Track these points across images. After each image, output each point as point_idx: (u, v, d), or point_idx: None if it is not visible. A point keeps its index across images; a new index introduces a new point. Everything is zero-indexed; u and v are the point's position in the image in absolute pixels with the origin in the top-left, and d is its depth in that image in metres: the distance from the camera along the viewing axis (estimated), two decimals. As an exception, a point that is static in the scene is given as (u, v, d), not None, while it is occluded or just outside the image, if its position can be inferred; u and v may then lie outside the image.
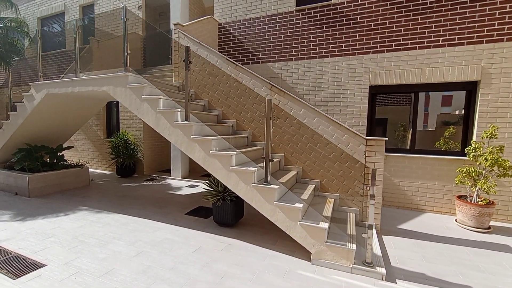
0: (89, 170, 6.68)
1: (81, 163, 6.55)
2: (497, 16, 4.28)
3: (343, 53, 5.33)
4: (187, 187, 6.32)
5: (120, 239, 3.44)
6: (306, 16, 5.62)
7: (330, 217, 3.25)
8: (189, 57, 3.69)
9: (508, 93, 4.24)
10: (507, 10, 4.22)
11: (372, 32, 5.08)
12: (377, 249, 3.14)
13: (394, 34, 4.92)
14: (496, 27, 4.29)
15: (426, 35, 4.71)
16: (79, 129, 7.64)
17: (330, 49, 5.43)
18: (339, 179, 4.01)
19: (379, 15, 5.01)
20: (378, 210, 3.69)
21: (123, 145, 7.19)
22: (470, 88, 4.58)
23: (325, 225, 2.87)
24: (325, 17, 5.45)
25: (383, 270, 2.64)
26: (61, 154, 6.36)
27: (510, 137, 4.24)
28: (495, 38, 4.30)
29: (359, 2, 5.13)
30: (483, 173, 3.98)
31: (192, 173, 7.54)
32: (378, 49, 5.04)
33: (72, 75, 4.82)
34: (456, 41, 4.53)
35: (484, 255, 3.17)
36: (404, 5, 4.82)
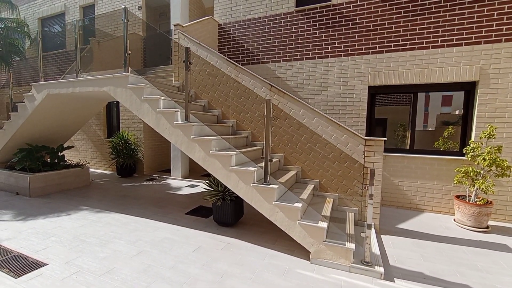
0: (90, 170, 6.71)
1: (81, 163, 6.57)
2: (495, 17, 4.30)
3: (342, 53, 5.35)
4: (187, 187, 6.35)
5: (120, 238, 3.47)
6: (305, 16, 5.65)
7: (329, 217, 3.27)
8: (189, 57, 3.71)
9: (506, 94, 4.27)
10: (506, 11, 4.24)
11: (371, 32, 5.10)
12: (376, 249, 3.16)
13: (393, 34, 4.94)
14: (494, 28, 4.31)
15: (425, 35, 4.73)
16: (80, 129, 7.67)
17: (329, 50, 5.46)
18: (338, 179, 4.03)
19: (378, 16, 5.04)
20: (377, 209, 3.71)
21: (124, 145, 7.22)
22: (468, 88, 4.61)
23: (324, 225, 2.89)
24: (324, 18, 5.48)
25: (382, 269, 2.66)
26: (61, 154, 6.39)
27: (508, 137, 4.27)
28: (493, 39, 4.32)
29: (358, 3, 5.16)
30: (481, 173, 4.00)
31: (192, 173, 7.56)
32: (377, 50, 5.07)
33: (72, 76, 4.85)
34: (454, 42, 4.55)
35: (482, 255, 3.19)
36: (403, 6, 4.84)
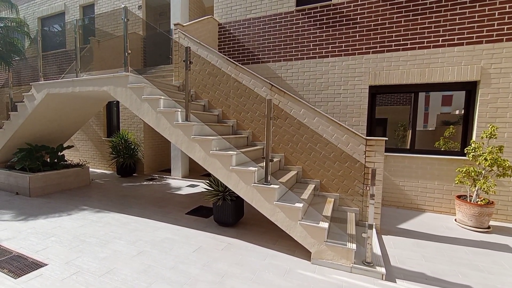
0: (90, 169, 6.69)
1: (81, 163, 6.56)
2: (496, 16, 4.29)
3: (343, 53, 5.34)
4: (187, 186, 6.33)
5: (120, 238, 3.45)
6: (306, 16, 5.63)
7: (330, 217, 3.26)
8: (189, 57, 3.70)
9: (507, 93, 4.25)
10: (507, 10, 4.23)
11: (372, 32, 5.09)
12: (377, 249, 3.15)
13: (394, 34, 4.93)
14: (495, 27, 4.30)
15: (426, 35, 4.72)
16: (80, 129, 7.65)
17: (330, 49, 5.44)
18: (339, 179, 4.02)
19: (379, 15, 5.02)
20: (378, 210, 3.71)
21: (124, 145, 7.21)
22: (469, 88, 4.59)
23: (325, 225, 2.88)
24: (325, 17, 5.46)
25: (383, 269, 2.65)
26: (61, 153, 6.38)
27: (509, 137, 4.26)
28: (494, 38, 4.31)
29: (359, 2, 5.14)
30: (483, 173, 3.99)
31: (192, 172, 7.55)
32: (378, 49, 5.05)
33: (72, 75, 4.83)
34: (455, 41, 4.54)
35: (483, 255, 3.18)
36: (404, 5, 4.83)
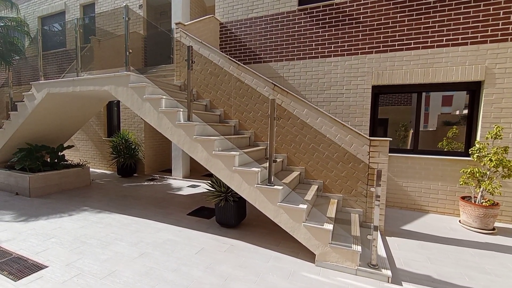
0: (90, 169, 6.65)
1: (82, 163, 6.51)
2: (501, 15, 4.25)
3: (345, 52, 5.29)
4: (188, 187, 6.29)
5: (122, 240, 3.41)
6: (308, 15, 5.59)
7: (334, 218, 3.22)
8: (191, 56, 3.66)
9: (512, 93, 4.22)
10: (512, 9, 4.19)
11: (375, 31, 5.04)
12: (382, 251, 3.11)
13: (397, 33, 4.89)
14: (500, 26, 4.26)
15: (429, 34, 4.67)
16: (80, 129, 7.61)
17: (332, 49, 5.40)
18: (342, 179, 3.98)
19: (382, 15, 4.98)
20: (382, 211, 3.66)
21: (124, 145, 7.16)
22: (474, 88, 4.55)
23: (330, 227, 2.84)
24: (327, 17, 5.42)
25: (389, 272, 2.61)
26: (61, 153, 6.34)
27: (514, 137, 4.22)
28: (499, 38, 4.27)
29: (361, 1, 5.10)
30: (488, 174, 3.95)
31: (193, 173, 7.51)
32: (381, 49, 5.01)
33: (73, 75, 4.79)
34: (460, 41, 4.50)
35: (489, 257, 3.14)
36: (407, 4, 4.79)
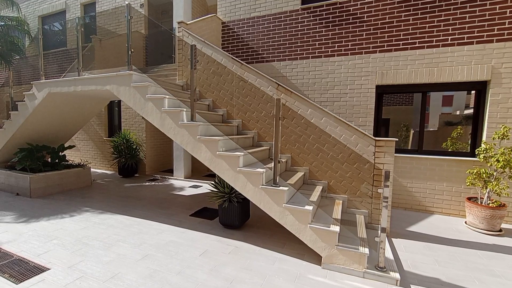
0: (91, 170, 6.60)
1: (82, 163, 6.46)
2: (508, 14, 4.20)
3: (349, 52, 5.24)
4: (190, 187, 6.24)
5: (124, 241, 3.36)
6: (311, 14, 5.54)
7: (340, 220, 3.17)
8: (195, 55, 3.61)
9: (519, 93, 4.17)
10: (519, 8, 4.14)
11: (379, 30, 4.99)
12: (389, 253, 3.07)
13: (401, 32, 4.84)
14: (506, 26, 4.20)
15: (434, 33, 4.62)
16: (81, 129, 7.56)
17: (336, 48, 5.35)
18: (347, 180, 3.93)
19: (386, 13, 4.93)
20: (388, 212, 3.61)
21: (125, 145, 7.11)
22: (479, 88, 4.50)
23: (337, 229, 2.79)
24: (331, 16, 5.37)
25: (397, 275, 2.56)
26: (62, 154, 6.29)
27: (521, 138, 4.17)
28: (505, 37, 4.21)
29: (366, 0, 5.05)
30: (494, 174, 3.90)
31: (195, 173, 7.46)
32: (385, 48, 4.96)
33: (73, 74, 4.75)
34: (465, 40, 4.45)
35: (498, 259, 3.09)
36: (412, 3, 4.73)
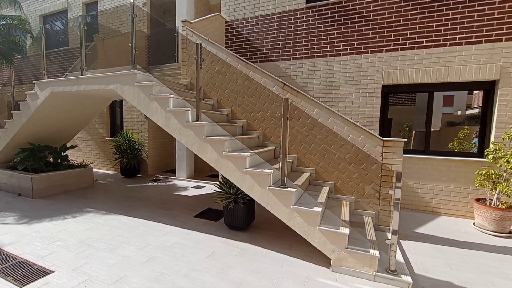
0: (93, 170, 6.55)
1: (85, 163, 6.41)
2: (517, 13, 4.14)
3: (355, 51, 5.18)
4: (193, 187, 6.19)
5: (129, 243, 3.31)
6: (316, 13, 5.48)
7: (349, 222, 3.11)
8: (201, 54, 3.56)
9: (528, 93, 4.11)
10: (528, 7, 4.08)
11: (385, 29, 4.93)
12: (399, 255, 3.00)
13: (408, 31, 4.78)
14: (516, 24, 4.15)
15: (442, 33, 4.56)
16: (83, 129, 7.50)
17: (341, 47, 5.29)
18: (354, 181, 3.87)
19: (392, 12, 4.87)
20: (396, 214, 3.55)
21: (128, 145, 7.07)
22: (488, 87, 4.44)
23: (346, 231, 2.73)
24: (336, 14, 5.31)
25: (409, 278, 2.50)
26: (64, 154, 6.24)
27: (530, 138, 4.10)
28: (515, 36, 4.16)
29: (372, -1, 5.00)
30: (504, 175, 3.84)
31: (197, 173, 7.41)
32: (391, 47, 4.90)
33: (76, 74, 4.69)
34: (473, 39, 4.39)
35: (510, 262, 3.03)
36: (419, 2, 4.67)
